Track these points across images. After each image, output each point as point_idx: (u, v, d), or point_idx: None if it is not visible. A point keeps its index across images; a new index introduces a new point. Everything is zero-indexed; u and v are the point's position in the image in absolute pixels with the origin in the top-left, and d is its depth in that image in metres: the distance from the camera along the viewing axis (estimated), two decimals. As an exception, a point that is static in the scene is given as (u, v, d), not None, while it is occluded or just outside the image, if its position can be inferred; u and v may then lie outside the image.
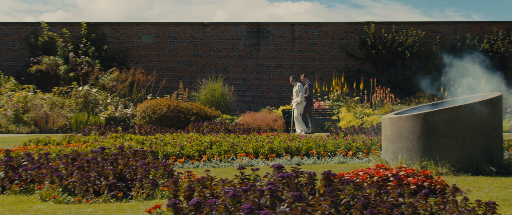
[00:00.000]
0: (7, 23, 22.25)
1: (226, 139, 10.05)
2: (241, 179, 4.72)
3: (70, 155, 6.62)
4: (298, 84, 16.65)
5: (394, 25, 22.65)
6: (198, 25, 22.43)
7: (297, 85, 16.62)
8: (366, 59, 22.71)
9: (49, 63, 21.41)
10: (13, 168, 6.65)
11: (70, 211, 5.36)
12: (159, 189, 6.11)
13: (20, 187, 6.34)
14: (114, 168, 6.19)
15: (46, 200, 5.89)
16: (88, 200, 5.81)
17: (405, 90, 22.14)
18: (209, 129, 15.05)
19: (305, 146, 9.48)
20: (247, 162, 8.96)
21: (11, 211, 5.43)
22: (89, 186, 5.99)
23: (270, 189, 3.67)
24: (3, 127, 17.95)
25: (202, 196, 4.60)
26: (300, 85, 16.63)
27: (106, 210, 5.41)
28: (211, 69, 22.18)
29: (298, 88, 16.55)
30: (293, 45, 22.56)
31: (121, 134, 11.80)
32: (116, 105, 19.93)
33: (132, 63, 22.09)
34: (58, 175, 6.11)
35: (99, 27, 22.21)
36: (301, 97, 16.49)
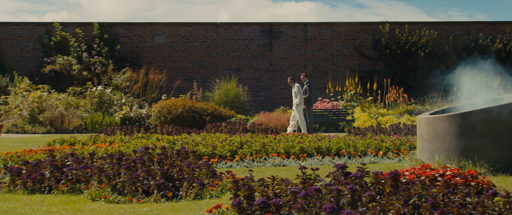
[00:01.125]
0: (20, 23, 22.28)
1: (255, 139, 10.07)
2: (302, 178, 4.75)
3: (115, 155, 6.64)
4: (296, 86, 16.40)
5: (407, 25, 22.68)
6: (211, 25, 22.46)
7: (296, 86, 16.37)
8: (379, 59, 22.75)
9: (63, 63, 21.44)
10: (57, 168, 6.68)
11: (126, 211, 5.39)
12: (207, 189, 6.14)
13: (67, 187, 6.36)
14: (161, 168, 6.21)
15: (96, 200, 5.92)
16: (139, 200, 5.83)
17: (418, 91, 22.17)
18: (227, 129, 15.06)
19: (335, 146, 9.51)
20: (279, 162, 8.98)
21: (66, 210, 5.45)
22: (138, 186, 6.02)
23: (351, 189, 3.70)
24: (19, 127, 17.98)
25: (265, 195, 4.63)
26: (298, 86, 16.39)
27: (161, 210, 5.43)
28: (224, 70, 22.20)
29: (297, 89, 16.30)
30: (305, 45, 22.59)
31: (147, 134, 11.83)
32: (130, 105, 19.96)
33: (145, 63, 22.12)
34: (106, 175, 6.14)
35: (112, 27, 22.24)
36: (300, 98, 16.29)
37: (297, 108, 16.23)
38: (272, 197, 4.63)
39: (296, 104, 16.26)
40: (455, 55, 22.72)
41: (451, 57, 22.66)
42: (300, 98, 16.23)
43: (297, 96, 16.25)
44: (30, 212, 5.41)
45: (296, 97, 16.33)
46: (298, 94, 16.24)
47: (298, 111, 16.24)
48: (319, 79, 22.63)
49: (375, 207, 3.64)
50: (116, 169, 6.46)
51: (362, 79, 22.27)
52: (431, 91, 21.83)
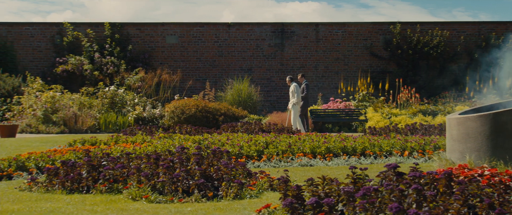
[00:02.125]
0: (32, 23, 22.33)
1: (280, 139, 10.09)
2: (353, 178, 4.77)
3: (152, 155, 6.66)
4: (293, 85, 16.59)
5: (419, 25, 22.69)
6: (223, 25, 22.49)
7: (293, 86, 16.56)
8: (390, 60, 22.76)
9: (75, 63, 21.47)
10: (94, 168, 6.70)
11: (171, 211, 5.41)
12: (246, 189, 6.15)
13: (105, 187, 6.38)
14: (200, 168, 6.23)
15: (137, 200, 5.93)
16: (180, 200, 5.85)
17: (430, 91, 22.18)
18: (243, 129, 15.07)
19: (361, 146, 9.52)
20: (306, 162, 9.00)
21: (110, 210, 5.47)
22: (178, 186, 6.04)
23: (416, 188, 3.72)
24: (33, 127, 18.02)
25: (316, 195, 4.65)
26: (296, 85, 16.58)
27: (205, 209, 5.45)
28: (236, 70, 22.23)
29: (294, 88, 16.50)
30: (317, 45, 22.61)
31: (169, 134, 11.85)
32: (143, 105, 19.99)
33: (157, 63, 22.15)
34: (146, 175, 6.16)
35: (123, 27, 22.28)
36: (297, 98, 16.44)
37: (293, 107, 16.44)
38: (323, 197, 4.65)
39: (292, 103, 16.45)
40: (467, 55, 22.73)
41: (463, 57, 22.67)
42: (297, 98, 16.41)
43: (295, 95, 16.46)
44: (75, 211, 5.43)
45: (293, 97, 16.53)
46: (295, 93, 16.44)
47: (294, 110, 16.44)
48: (331, 80, 22.65)
49: (438, 207, 3.66)
50: (153, 169, 6.48)
51: (373, 79, 22.29)
52: (443, 92, 21.85)
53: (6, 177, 7.62)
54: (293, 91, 16.48)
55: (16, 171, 7.79)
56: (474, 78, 21.81)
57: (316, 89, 22.62)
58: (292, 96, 16.50)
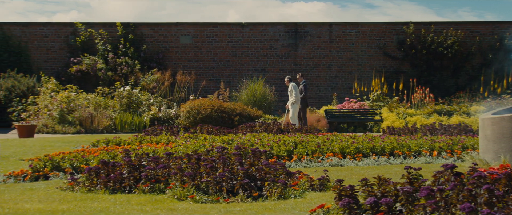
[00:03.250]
0: (46, 24, 22.39)
1: (308, 139, 10.10)
2: (408, 178, 4.78)
3: (194, 155, 6.68)
4: (291, 85, 16.83)
5: (433, 25, 22.68)
6: (236, 25, 22.52)
7: (291, 86, 16.81)
8: (404, 60, 22.76)
9: (89, 63, 21.51)
10: (135, 168, 6.73)
11: (220, 211, 5.42)
12: (290, 189, 6.17)
13: (147, 187, 6.40)
14: (243, 168, 6.25)
15: (182, 200, 5.95)
16: (226, 200, 5.87)
17: (443, 91, 22.17)
18: (262, 129, 15.09)
19: (389, 146, 9.54)
20: (337, 162, 9.01)
21: (160, 210, 5.49)
22: (223, 186, 6.06)
23: (488, 188, 3.73)
24: (49, 127, 18.06)
25: (373, 195, 4.66)
26: (294, 85, 16.82)
27: (254, 209, 5.47)
28: (249, 70, 22.25)
29: (292, 88, 16.76)
30: (330, 45, 22.63)
31: (194, 134, 11.87)
32: (159, 105, 20.02)
33: (171, 63, 22.19)
34: (189, 175, 6.18)
35: (137, 27, 22.32)
36: (295, 97, 16.64)
37: (292, 106, 16.70)
38: (380, 197, 4.66)
39: (291, 103, 16.71)
40: (480, 55, 22.72)
41: (477, 57, 22.66)
42: (295, 97, 16.66)
43: (292, 95, 16.70)
44: (126, 211, 5.45)
45: (291, 96, 16.79)
46: (293, 92, 16.69)
47: (293, 109, 16.69)
48: (344, 80, 22.66)
49: (508, 207, 3.67)
50: (195, 169, 6.50)
51: (387, 79, 22.30)
52: (457, 92, 21.84)
53: (43, 177, 7.65)
54: (291, 91, 16.77)
55: (51, 171, 7.81)
56: (489, 78, 21.80)
57: (329, 89, 22.64)
58: (290, 96, 16.79)
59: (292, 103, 16.69)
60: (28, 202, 5.93)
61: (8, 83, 20.25)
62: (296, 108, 16.76)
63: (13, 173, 7.65)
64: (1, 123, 20.16)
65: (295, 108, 16.73)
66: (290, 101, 16.75)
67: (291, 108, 16.75)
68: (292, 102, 16.66)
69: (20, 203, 5.84)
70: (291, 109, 16.76)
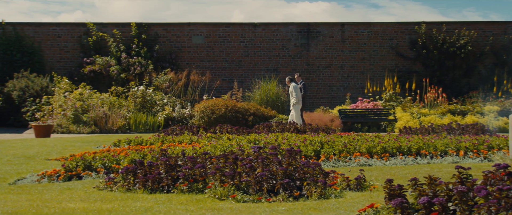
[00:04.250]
0: (59, 24, 22.43)
1: (334, 139, 10.12)
2: (459, 178, 4.80)
3: (231, 155, 6.70)
4: (292, 85, 16.95)
5: (444, 25, 22.68)
6: (249, 25, 22.54)
7: (291, 86, 16.93)
8: (416, 59, 22.76)
9: (102, 63, 21.54)
10: (171, 167, 6.75)
11: (266, 210, 5.44)
12: (330, 188, 6.19)
13: (186, 186, 6.42)
14: (283, 167, 6.27)
15: (223, 199, 5.97)
16: (268, 199, 5.89)
17: (456, 91, 22.16)
18: (279, 129, 15.11)
19: (416, 145, 9.55)
20: (365, 162, 9.03)
21: (204, 209, 5.51)
22: (263, 185, 6.07)
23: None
24: (64, 127, 18.10)
25: (424, 194, 4.68)
26: (294, 86, 16.91)
27: (299, 209, 5.49)
28: (262, 70, 22.27)
29: (292, 88, 16.86)
30: (343, 45, 22.63)
31: (217, 134, 11.89)
32: (173, 105, 20.04)
33: (184, 63, 22.22)
34: (229, 174, 6.20)
35: (150, 27, 22.35)
36: (296, 97, 16.78)
37: (294, 107, 16.83)
38: (432, 196, 4.68)
39: (293, 103, 16.85)
40: (493, 55, 22.70)
41: (489, 57, 22.64)
42: (296, 97, 16.77)
43: (293, 95, 16.81)
44: (171, 211, 5.47)
45: (292, 97, 16.89)
46: (294, 93, 16.78)
47: (295, 109, 16.81)
48: (356, 79, 22.67)
49: None
50: (233, 168, 6.52)
51: (399, 79, 22.30)
52: (470, 91, 21.82)
53: (76, 176, 7.68)
54: (291, 91, 16.87)
55: (84, 171, 7.84)
56: (501, 78, 21.79)
57: (342, 89, 22.65)
58: (292, 97, 16.90)
59: (294, 104, 16.84)
60: (71, 201, 5.96)
61: (21, 83, 20.29)
62: (298, 108, 16.89)
63: (46, 173, 7.68)
64: (16, 123, 20.19)
65: (297, 108, 16.87)
66: (292, 102, 16.88)
67: (293, 108, 16.88)
68: (294, 103, 16.81)
69: (63, 203, 5.87)
70: (293, 109, 16.89)
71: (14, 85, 20.31)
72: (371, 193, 6.33)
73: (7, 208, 5.55)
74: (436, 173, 7.97)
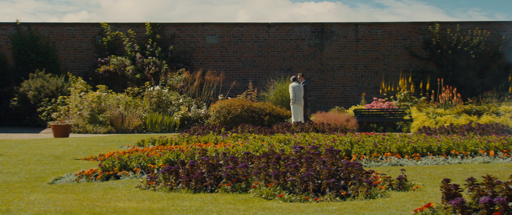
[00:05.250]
0: (74, 24, 22.46)
1: (363, 138, 10.13)
2: (517, 177, 4.80)
3: (274, 155, 6.71)
4: (290, 86, 17.14)
5: (458, 25, 22.67)
6: (263, 25, 22.56)
7: (290, 86, 17.13)
8: (430, 59, 22.76)
9: (117, 63, 21.57)
10: (214, 167, 6.77)
11: (316, 210, 5.46)
12: (376, 188, 6.20)
13: (229, 186, 6.44)
14: (328, 167, 6.28)
15: (270, 199, 5.99)
16: (315, 199, 5.90)
17: (470, 90, 22.14)
18: (298, 129, 15.12)
19: (446, 145, 9.55)
20: (396, 161, 9.04)
21: (255, 208, 5.52)
22: (309, 185, 6.09)
23: None
24: (81, 127, 18.13)
25: (483, 194, 4.69)
26: (293, 85, 17.06)
27: (349, 208, 5.50)
28: (275, 70, 22.28)
29: (290, 88, 17.09)
30: (356, 45, 22.64)
31: (243, 134, 11.91)
32: (188, 105, 20.06)
33: (197, 63, 22.24)
34: (275, 174, 6.21)
35: (164, 27, 22.38)
36: (293, 97, 16.95)
37: (293, 106, 17.05)
38: (492, 196, 4.69)
39: (291, 103, 17.08)
40: (508, 54, 22.67)
41: (503, 57, 22.62)
42: (292, 98, 16.99)
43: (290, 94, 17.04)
44: (223, 210, 5.48)
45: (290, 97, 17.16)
46: (291, 93, 17.00)
47: (293, 108, 17.05)
48: (370, 79, 22.67)
49: None
50: (276, 168, 6.54)
51: (413, 79, 22.29)
52: (484, 91, 21.79)
53: (113, 176, 7.70)
54: (290, 91, 17.15)
55: (121, 170, 7.86)
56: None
57: (355, 89, 22.65)
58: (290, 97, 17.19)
59: (292, 104, 17.08)
60: (118, 200, 5.98)
61: (37, 83, 20.32)
62: (296, 108, 17.08)
63: (83, 172, 7.71)
64: (31, 123, 20.24)
65: (295, 107, 17.07)
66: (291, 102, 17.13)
67: (292, 107, 17.13)
68: (291, 103, 17.08)
69: (111, 202, 5.89)
70: (292, 109, 17.12)
71: (30, 85, 20.35)
72: (415, 192, 6.34)
73: (59, 207, 5.57)
74: (470, 173, 7.98)
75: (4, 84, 21.44)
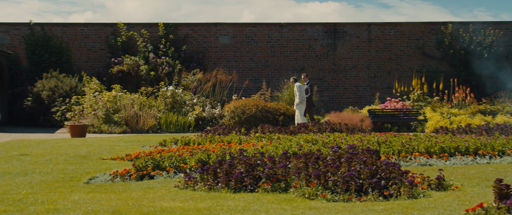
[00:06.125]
0: (87, 24, 22.50)
1: (390, 139, 10.13)
2: None
3: (313, 155, 6.72)
4: (296, 85, 17.07)
5: (471, 25, 22.66)
6: (275, 25, 22.57)
7: (296, 86, 17.05)
8: (443, 59, 22.76)
9: (130, 63, 21.60)
10: (252, 167, 6.78)
11: (363, 210, 5.47)
12: (417, 188, 6.21)
13: (269, 186, 6.45)
14: (369, 167, 6.29)
15: (313, 198, 5.99)
16: (359, 198, 5.91)
17: (483, 90, 22.14)
18: (316, 128, 15.14)
19: (473, 145, 9.56)
20: (425, 161, 9.04)
21: (301, 208, 5.53)
22: (351, 185, 6.10)
23: None
24: (96, 127, 18.15)
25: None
26: (299, 85, 17.02)
27: (396, 208, 5.51)
28: (288, 70, 22.28)
29: (296, 88, 17.00)
30: (369, 45, 22.64)
31: (266, 134, 11.92)
32: (202, 105, 20.07)
33: (210, 63, 22.26)
34: (316, 174, 6.22)
35: (177, 28, 22.40)
36: (299, 97, 16.87)
37: (297, 107, 16.95)
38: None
39: (296, 104, 16.99)
40: (521, 54, 22.69)
41: (516, 57, 22.63)
42: (299, 97, 16.91)
43: (297, 95, 16.95)
44: (267, 210, 5.49)
45: (296, 97, 17.04)
46: (298, 93, 16.91)
47: (298, 109, 16.93)
48: (383, 79, 22.67)
49: None
50: (315, 168, 6.55)
51: (426, 79, 22.29)
52: (497, 91, 21.78)
53: (147, 176, 7.71)
54: (296, 91, 17.04)
55: (154, 170, 7.87)
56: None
57: (368, 89, 22.66)
58: (296, 97, 17.03)
59: (297, 104, 16.95)
60: (162, 200, 5.99)
61: (51, 83, 20.35)
62: (301, 108, 16.99)
63: (117, 172, 7.72)
64: (45, 123, 20.26)
65: (301, 108, 16.97)
66: (296, 102, 17.01)
67: (297, 108, 16.98)
68: (297, 103, 16.93)
69: (156, 202, 5.90)
70: (297, 109, 16.99)
71: (44, 85, 20.38)
72: (456, 193, 6.35)
73: (106, 207, 5.59)
74: (502, 173, 7.99)
75: (17, 84, 21.49)
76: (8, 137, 15.65)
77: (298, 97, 16.90)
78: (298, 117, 17.03)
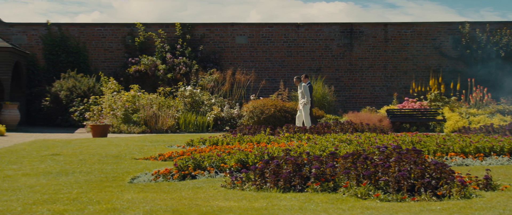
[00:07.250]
0: (104, 24, 22.55)
1: (423, 138, 10.13)
2: None
3: (360, 154, 6.73)
4: (303, 85, 16.90)
5: (488, 25, 22.64)
6: (292, 25, 22.59)
7: (302, 86, 16.87)
8: (459, 59, 22.74)
9: (148, 63, 21.64)
10: (299, 167, 6.79)
11: (422, 209, 5.47)
12: (469, 188, 6.21)
13: (319, 185, 6.46)
14: (420, 167, 6.29)
15: (365, 198, 6.00)
16: (413, 198, 5.92)
17: (500, 90, 22.09)
18: (338, 128, 15.16)
19: (508, 145, 9.55)
20: (461, 162, 9.04)
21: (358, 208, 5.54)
22: (403, 185, 6.10)
23: None
24: (115, 127, 18.19)
25: None
26: (304, 86, 16.85)
27: (453, 208, 5.51)
28: (304, 70, 22.28)
29: (303, 88, 16.80)
30: (386, 45, 22.64)
31: (296, 134, 11.94)
32: (220, 105, 20.10)
33: (227, 63, 22.29)
34: (368, 174, 6.23)
35: (194, 28, 22.44)
36: (307, 98, 16.71)
37: (304, 107, 16.70)
38: None
39: (303, 104, 16.71)
40: (538, 54, 22.66)
41: (533, 57, 22.60)
42: (307, 98, 16.69)
43: (304, 96, 16.71)
44: (326, 209, 5.50)
45: (302, 97, 16.78)
46: (305, 94, 16.70)
47: (305, 110, 16.69)
48: (400, 79, 22.67)
49: None
50: (364, 167, 6.55)
51: (443, 79, 22.29)
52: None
53: (189, 175, 7.73)
54: (302, 92, 16.81)
55: (195, 170, 7.89)
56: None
57: (385, 89, 22.66)
58: (302, 97, 16.79)
59: (305, 104, 16.71)
60: (216, 200, 6.01)
61: (69, 83, 20.42)
62: (307, 109, 16.76)
63: (159, 172, 7.74)
64: (63, 123, 20.33)
65: (307, 109, 16.74)
66: (302, 102, 16.76)
67: (303, 108, 16.74)
68: (304, 103, 16.68)
69: (211, 201, 5.92)
70: (303, 110, 16.74)
71: (62, 85, 20.44)
72: (507, 192, 6.34)
73: (163, 206, 5.61)
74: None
75: (35, 85, 21.56)
76: (31, 137, 15.70)
77: (306, 97, 16.65)
78: (304, 118, 16.74)
